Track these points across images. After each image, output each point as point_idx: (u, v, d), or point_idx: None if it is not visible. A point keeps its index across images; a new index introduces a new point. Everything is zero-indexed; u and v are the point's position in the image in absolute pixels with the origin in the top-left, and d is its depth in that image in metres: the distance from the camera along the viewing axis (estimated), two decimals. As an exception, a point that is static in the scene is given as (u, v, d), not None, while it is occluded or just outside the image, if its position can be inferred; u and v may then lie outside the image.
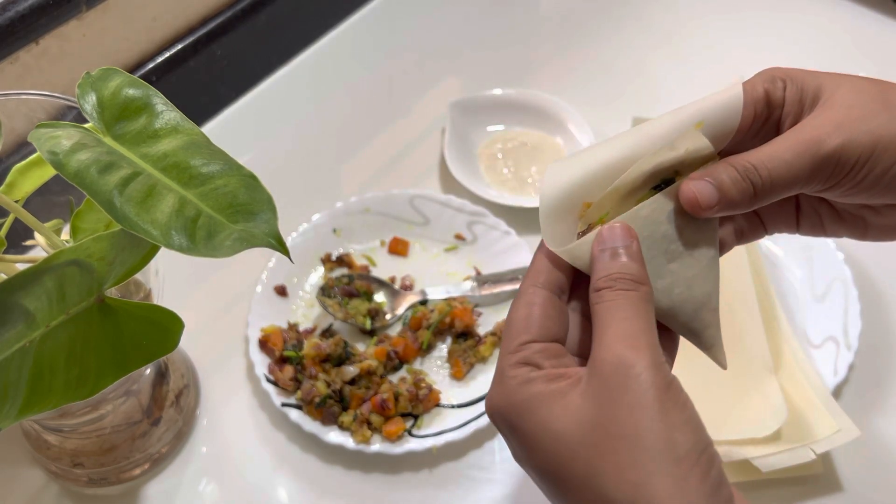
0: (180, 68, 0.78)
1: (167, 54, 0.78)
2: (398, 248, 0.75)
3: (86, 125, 0.43)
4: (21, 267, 0.45)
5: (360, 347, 0.68)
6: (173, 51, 0.78)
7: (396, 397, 0.63)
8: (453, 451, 0.64)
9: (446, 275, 0.73)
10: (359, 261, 0.74)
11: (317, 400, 0.63)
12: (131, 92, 0.44)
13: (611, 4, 0.97)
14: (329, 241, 0.74)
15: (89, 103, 0.43)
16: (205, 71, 0.81)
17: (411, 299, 0.71)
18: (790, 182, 0.40)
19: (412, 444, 0.62)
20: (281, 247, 0.40)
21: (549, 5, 0.99)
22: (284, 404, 0.64)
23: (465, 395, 0.66)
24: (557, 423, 0.36)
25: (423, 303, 0.70)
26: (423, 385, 0.65)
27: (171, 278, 0.56)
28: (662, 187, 0.41)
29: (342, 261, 0.73)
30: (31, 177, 0.48)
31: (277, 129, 0.85)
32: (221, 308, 0.71)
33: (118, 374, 0.43)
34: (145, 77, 0.76)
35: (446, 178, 0.80)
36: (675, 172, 0.41)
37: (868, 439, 0.63)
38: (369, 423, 0.63)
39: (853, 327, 0.66)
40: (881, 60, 0.89)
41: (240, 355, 0.68)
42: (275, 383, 0.65)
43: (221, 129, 0.83)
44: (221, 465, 0.64)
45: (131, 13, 0.73)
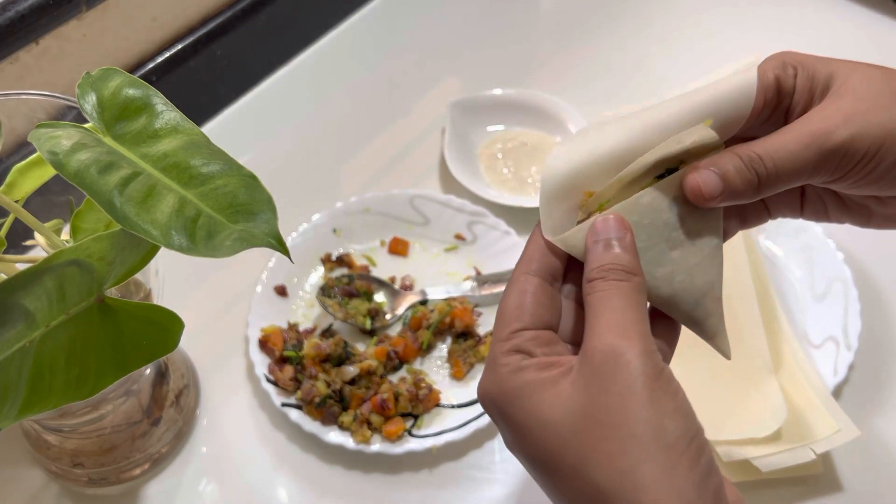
0: (180, 68, 0.78)
1: (167, 54, 0.78)
2: (398, 248, 0.75)
3: (86, 125, 0.43)
4: (21, 267, 0.45)
5: (360, 347, 0.68)
6: (173, 51, 0.78)
7: (396, 397, 0.63)
8: (453, 451, 0.64)
9: (446, 275, 0.73)
10: (359, 261, 0.74)
11: (317, 400, 0.63)
12: (131, 92, 0.44)
13: (610, 4, 0.97)
14: (329, 241, 0.74)
15: (89, 103, 0.43)
16: (205, 71, 0.81)
17: (411, 299, 0.71)
18: (796, 174, 0.39)
19: (412, 444, 0.62)
20: (281, 247, 0.40)
21: (548, 5, 0.99)
22: (284, 404, 0.64)
23: (465, 395, 0.66)
24: (548, 411, 0.36)
25: (423, 303, 0.70)
26: (423, 385, 0.65)
27: (171, 278, 0.56)
28: (666, 176, 0.40)
29: (342, 261, 0.73)
30: (31, 177, 0.48)
31: (277, 129, 0.85)
32: (221, 308, 0.71)
33: (118, 374, 0.43)
34: (145, 77, 0.76)
35: (446, 178, 0.80)
36: (680, 161, 0.40)
37: (868, 439, 0.63)
38: (369, 423, 0.63)
39: (853, 327, 0.66)
40: (881, 60, 0.88)
41: (240, 355, 0.68)
42: (275, 383, 0.65)
43: (221, 129, 0.83)
44: (221, 465, 0.64)
45: (131, 13, 0.73)
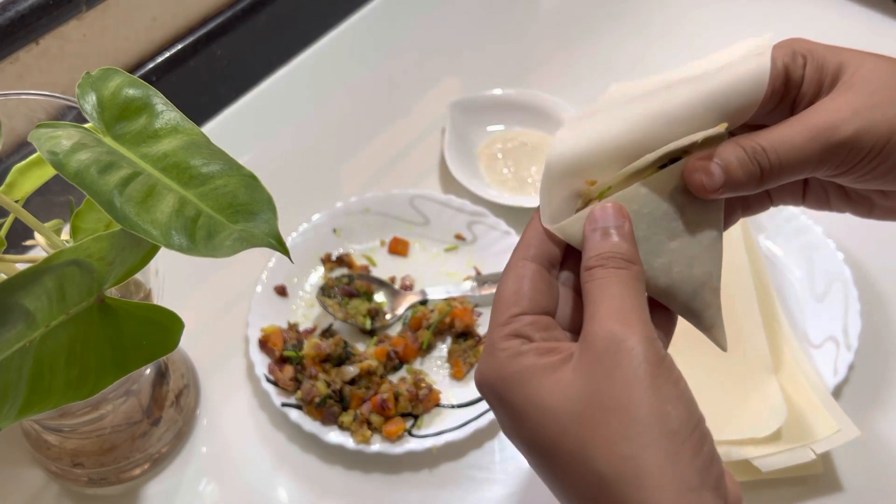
0: (180, 68, 0.78)
1: (167, 54, 0.78)
2: (398, 248, 0.75)
3: (86, 125, 0.43)
4: (21, 267, 0.45)
5: (360, 347, 0.68)
6: (173, 51, 0.78)
7: (396, 397, 0.63)
8: (453, 451, 0.64)
9: (446, 275, 0.73)
10: (359, 261, 0.74)
11: (317, 400, 0.63)
12: (131, 92, 0.44)
13: (610, 3, 0.97)
14: (329, 241, 0.74)
15: (89, 103, 0.43)
16: (205, 71, 0.81)
17: (411, 299, 0.71)
18: (800, 167, 0.39)
19: (412, 444, 0.62)
20: (281, 247, 0.40)
21: (548, 5, 0.99)
22: (284, 404, 0.64)
23: (465, 395, 0.66)
24: (548, 397, 0.36)
25: (423, 303, 0.70)
26: (423, 385, 0.65)
27: (171, 278, 0.56)
28: (668, 165, 0.40)
29: (342, 261, 0.73)
30: (31, 177, 0.48)
31: (277, 129, 0.85)
32: (221, 308, 0.71)
33: (118, 374, 0.43)
34: (145, 77, 0.76)
35: (446, 178, 0.80)
36: (683, 151, 0.40)
37: (868, 439, 0.63)
38: (369, 423, 0.63)
39: (853, 327, 0.66)
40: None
41: (240, 355, 0.68)
42: (275, 383, 0.65)
43: (221, 129, 0.83)
44: (221, 465, 0.64)
45: (131, 13, 0.73)
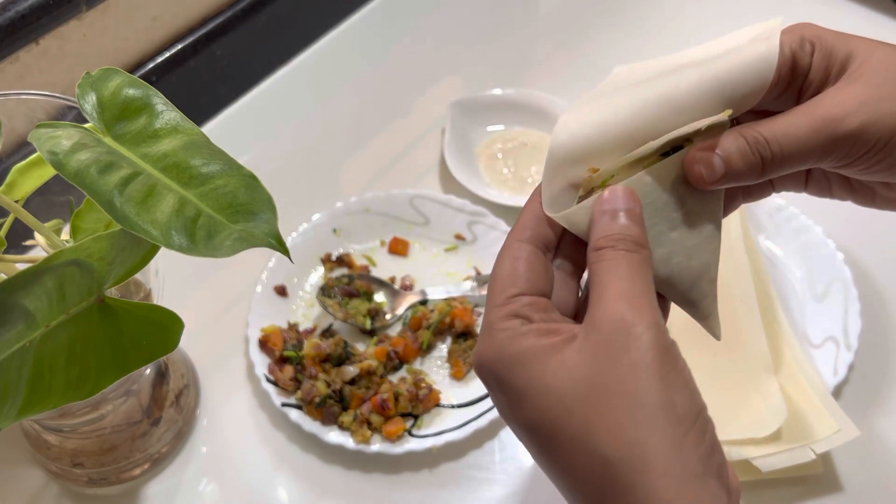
0: (180, 68, 0.78)
1: (167, 54, 0.78)
2: (398, 248, 0.75)
3: (86, 125, 0.43)
4: (21, 267, 0.45)
5: (360, 347, 0.68)
6: (173, 51, 0.78)
7: (396, 397, 0.63)
8: (453, 451, 0.64)
9: (446, 275, 0.73)
10: (359, 261, 0.74)
11: (317, 400, 0.63)
12: (131, 92, 0.44)
13: (610, 3, 0.97)
14: (329, 241, 0.74)
15: (89, 103, 0.43)
16: (205, 71, 0.81)
17: (411, 299, 0.71)
18: (802, 158, 0.39)
19: (412, 444, 0.62)
20: (281, 247, 0.40)
21: (548, 5, 0.99)
22: (284, 404, 0.64)
23: (465, 395, 0.66)
24: (551, 378, 0.35)
25: (423, 303, 0.70)
26: (423, 385, 0.65)
27: (171, 278, 0.56)
28: (670, 154, 0.39)
29: (342, 261, 0.73)
30: (31, 177, 0.48)
31: (277, 129, 0.85)
32: (221, 308, 0.71)
33: (118, 374, 0.43)
34: (145, 77, 0.76)
35: (446, 178, 0.80)
36: (686, 139, 0.39)
37: (868, 439, 0.63)
38: (369, 423, 0.63)
39: (853, 327, 0.66)
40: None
41: (240, 355, 0.68)
42: (275, 383, 0.65)
43: (221, 129, 0.83)
44: (221, 465, 0.64)
45: (131, 13, 0.73)
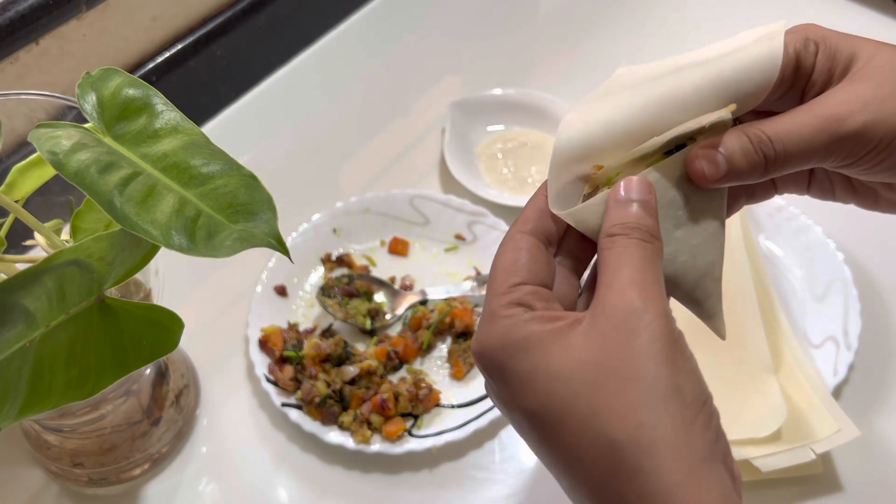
0: (180, 68, 0.78)
1: (167, 54, 0.78)
2: (398, 248, 0.75)
3: (86, 125, 0.43)
4: (21, 267, 0.45)
5: (360, 347, 0.68)
6: (173, 51, 0.78)
7: (396, 397, 0.63)
8: (453, 451, 0.64)
9: (446, 275, 0.73)
10: (359, 261, 0.74)
11: (317, 400, 0.63)
12: (131, 92, 0.44)
13: (610, 3, 0.97)
14: (329, 241, 0.74)
15: (89, 103, 0.43)
16: (205, 71, 0.81)
17: (411, 299, 0.71)
18: (805, 158, 0.39)
19: (412, 444, 0.62)
20: (281, 247, 0.40)
21: (549, 5, 0.99)
22: (284, 404, 0.64)
23: (465, 395, 0.66)
24: (557, 362, 0.35)
25: (423, 303, 0.70)
26: (423, 385, 0.65)
27: (171, 278, 0.56)
28: (674, 152, 0.40)
29: (342, 261, 0.73)
30: (31, 177, 0.48)
31: (277, 129, 0.85)
32: (221, 308, 0.71)
33: (118, 374, 0.43)
34: (145, 77, 0.76)
35: (446, 178, 0.80)
36: (690, 138, 0.39)
37: (868, 439, 0.63)
38: (369, 423, 0.63)
39: (853, 327, 0.66)
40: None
41: (240, 355, 0.68)
42: (275, 383, 0.65)
43: (221, 129, 0.83)
44: (221, 465, 0.64)
45: (131, 13, 0.73)
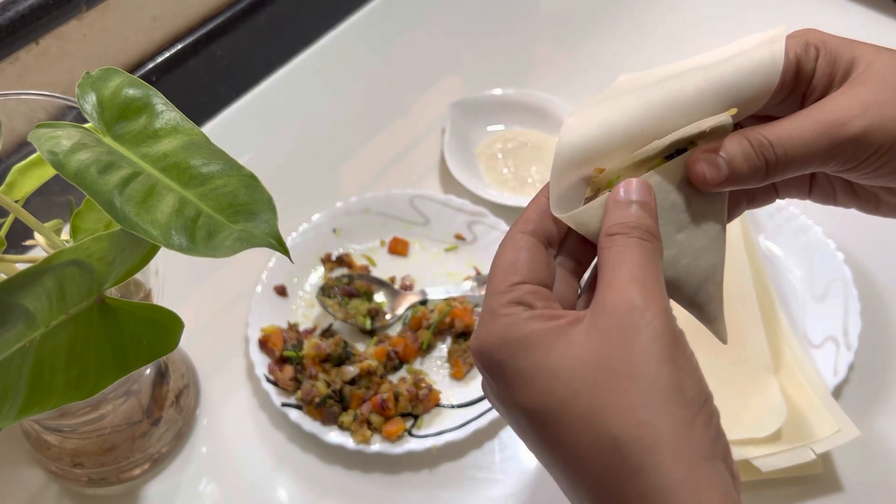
0: (180, 68, 0.78)
1: (167, 54, 0.78)
2: (398, 248, 0.75)
3: (86, 125, 0.43)
4: (21, 267, 0.45)
5: (360, 347, 0.68)
6: (173, 51, 0.78)
7: (396, 397, 0.63)
8: (453, 451, 0.64)
9: (446, 275, 0.73)
10: (359, 261, 0.74)
11: (317, 400, 0.63)
12: (131, 92, 0.44)
13: (611, 3, 0.97)
14: (329, 241, 0.74)
15: (89, 103, 0.43)
16: (205, 71, 0.81)
17: (411, 299, 0.71)
18: (806, 162, 0.39)
19: (412, 444, 0.62)
20: (281, 247, 0.40)
21: (549, 5, 0.99)
22: (284, 404, 0.64)
23: (465, 395, 0.66)
24: (558, 360, 0.35)
25: (423, 303, 0.70)
26: (423, 385, 0.65)
27: (171, 278, 0.56)
28: (675, 156, 0.40)
29: (342, 261, 0.73)
30: (31, 177, 0.48)
31: (277, 129, 0.85)
32: (221, 308, 0.71)
33: (118, 374, 0.43)
34: (145, 77, 0.76)
35: (446, 178, 0.80)
36: (691, 142, 0.40)
37: (868, 439, 0.63)
38: (369, 423, 0.63)
39: (853, 327, 0.66)
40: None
41: (240, 355, 0.68)
42: (275, 383, 0.65)
43: (221, 129, 0.83)
44: (221, 465, 0.64)
45: (131, 13, 0.73)
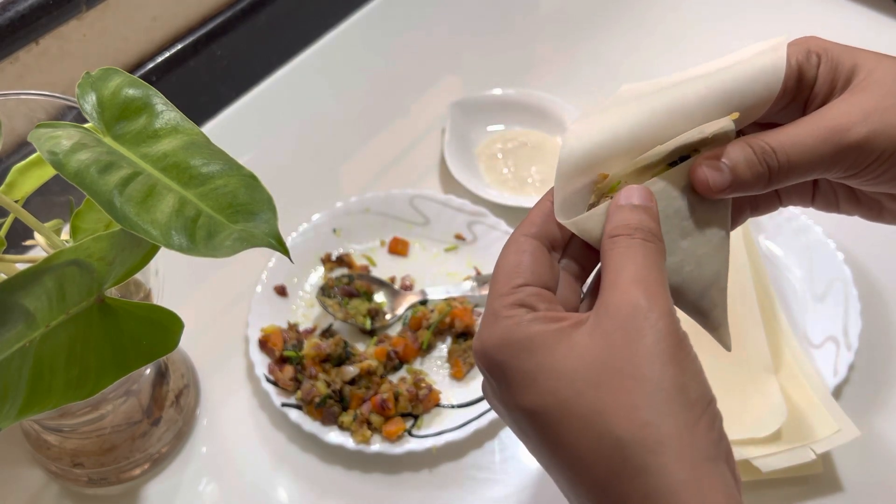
0: (180, 68, 0.78)
1: (167, 54, 0.78)
2: (398, 248, 0.75)
3: (86, 125, 0.43)
4: (21, 267, 0.45)
5: (360, 347, 0.68)
6: (173, 51, 0.78)
7: (396, 397, 0.63)
8: (453, 451, 0.64)
9: (446, 275, 0.73)
10: (359, 261, 0.74)
11: (317, 400, 0.63)
12: (131, 92, 0.44)
13: (611, 3, 0.97)
14: (329, 241, 0.74)
15: (89, 103, 0.43)
16: (205, 71, 0.81)
17: (411, 299, 0.71)
18: (809, 169, 0.39)
19: (412, 444, 0.62)
20: (281, 247, 0.40)
21: (549, 5, 0.99)
22: (284, 404, 0.64)
23: (465, 395, 0.66)
24: (561, 361, 0.35)
25: (423, 303, 0.70)
26: (423, 385, 0.65)
27: (171, 278, 0.56)
28: (679, 163, 0.40)
29: (342, 261, 0.73)
30: (31, 177, 0.48)
31: (277, 129, 0.85)
32: (221, 308, 0.71)
33: (118, 374, 0.43)
34: (145, 77, 0.76)
35: (446, 178, 0.80)
36: (694, 149, 0.40)
37: (868, 439, 0.63)
38: (369, 423, 0.63)
39: (853, 327, 0.66)
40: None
41: (240, 355, 0.68)
42: (275, 383, 0.65)
43: (221, 129, 0.83)
44: (221, 465, 0.64)
45: (131, 13, 0.73)
